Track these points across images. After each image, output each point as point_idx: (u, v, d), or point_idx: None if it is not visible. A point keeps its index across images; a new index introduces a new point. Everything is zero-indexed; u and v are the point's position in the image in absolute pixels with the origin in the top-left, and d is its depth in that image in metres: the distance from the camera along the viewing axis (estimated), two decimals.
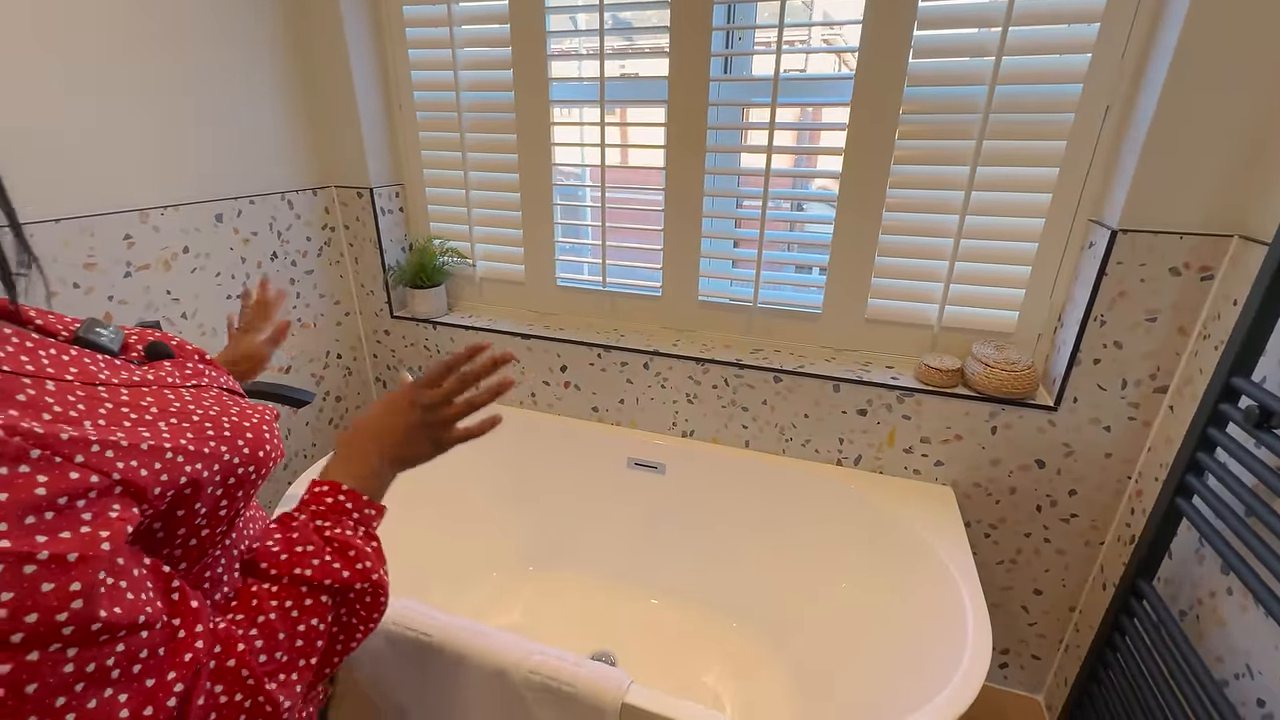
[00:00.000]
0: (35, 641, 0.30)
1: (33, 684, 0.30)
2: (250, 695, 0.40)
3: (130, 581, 0.35)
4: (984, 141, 1.09)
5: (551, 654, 0.84)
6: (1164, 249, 0.98)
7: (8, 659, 0.29)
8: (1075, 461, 1.16)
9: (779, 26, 1.13)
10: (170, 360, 0.50)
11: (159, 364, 0.49)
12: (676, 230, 1.37)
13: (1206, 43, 0.88)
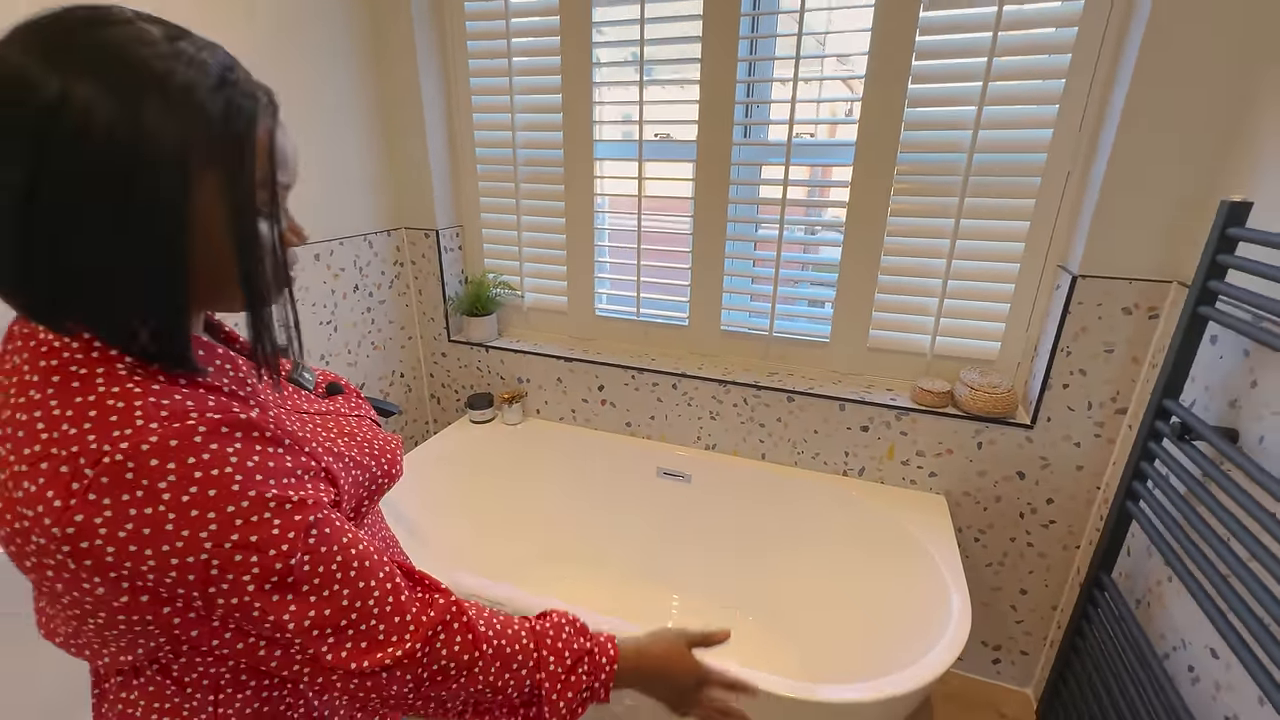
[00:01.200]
0: (298, 542, 0.46)
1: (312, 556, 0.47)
2: None
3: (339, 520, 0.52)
4: (965, 199, 1.30)
5: (598, 620, 1.03)
6: (1117, 292, 1.17)
7: (290, 551, 0.46)
8: (1051, 473, 1.33)
9: (791, 103, 1.35)
10: (340, 395, 0.71)
11: (334, 398, 0.69)
12: (701, 268, 1.58)
13: (1144, 124, 1.08)
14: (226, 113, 0.42)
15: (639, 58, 1.46)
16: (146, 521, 0.39)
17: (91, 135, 0.37)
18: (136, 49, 0.39)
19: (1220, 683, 0.88)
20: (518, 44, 1.57)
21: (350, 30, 1.50)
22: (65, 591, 0.42)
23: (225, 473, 0.42)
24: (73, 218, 0.39)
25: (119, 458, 0.39)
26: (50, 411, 0.39)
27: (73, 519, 0.38)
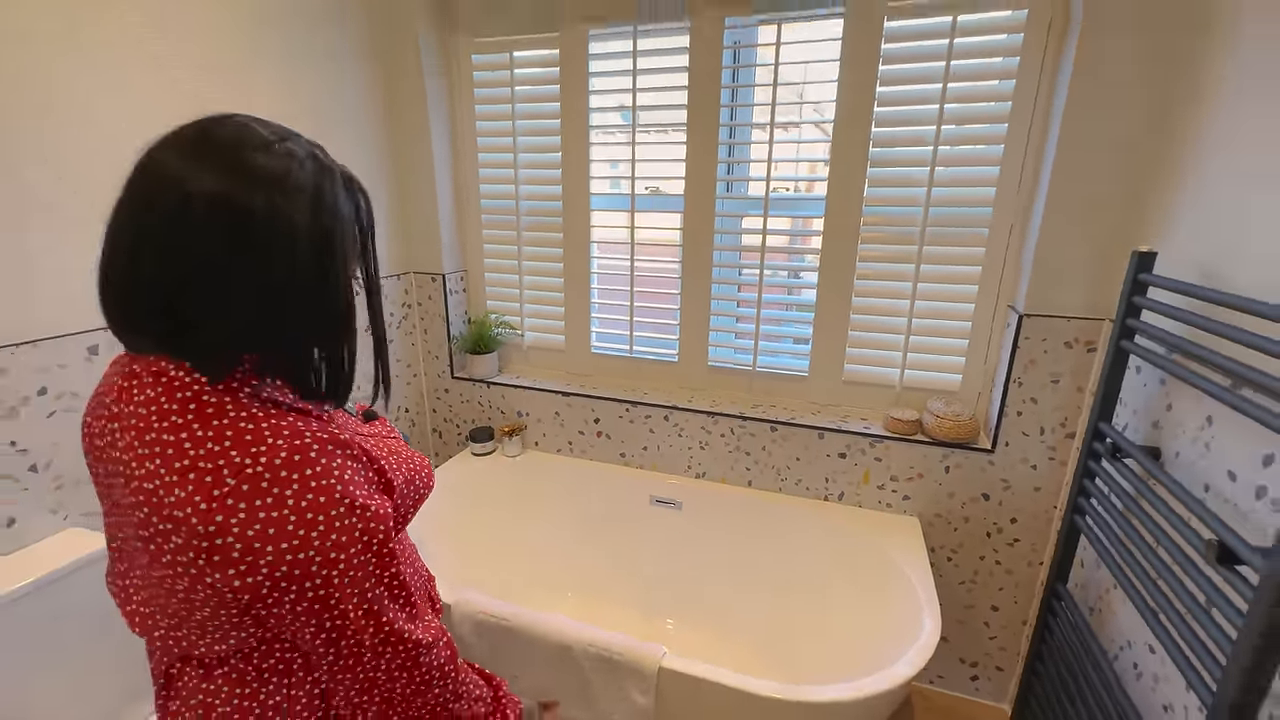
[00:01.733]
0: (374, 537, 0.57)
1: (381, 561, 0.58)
2: None
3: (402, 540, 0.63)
4: (924, 247, 1.45)
5: (603, 632, 1.12)
6: (1058, 328, 1.32)
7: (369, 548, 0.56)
8: (1012, 494, 1.45)
9: (768, 162, 1.52)
10: (378, 420, 0.81)
11: (373, 423, 0.80)
12: (689, 308, 1.72)
13: (1069, 185, 1.24)
14: (358, 208, 0.56)
15: (631, 121, 1.63)
16: (272, 522, 0.50)
17: (280, 230, 0.51)
18: (299, 158, 0.53)
19: (1158, 675, 0.98)
20: (521, 108, 1.74)
21: (365, 88, 1.66)
22: (190, 585, 0.52)
23: (329, 483, 0.53)
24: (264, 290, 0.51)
25: (259, 469, 0.50)
26: (194, 433, 0.50)
27: (214, 519, 0.49)
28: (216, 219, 0.49)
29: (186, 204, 0.49)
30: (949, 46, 1.33)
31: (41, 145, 1.00)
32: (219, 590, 0.52)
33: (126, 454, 0.53)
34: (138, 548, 0.55)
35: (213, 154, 0.50)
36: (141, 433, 0.52)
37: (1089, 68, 1.18)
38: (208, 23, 1.23)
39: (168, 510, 0.50)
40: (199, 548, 0.50)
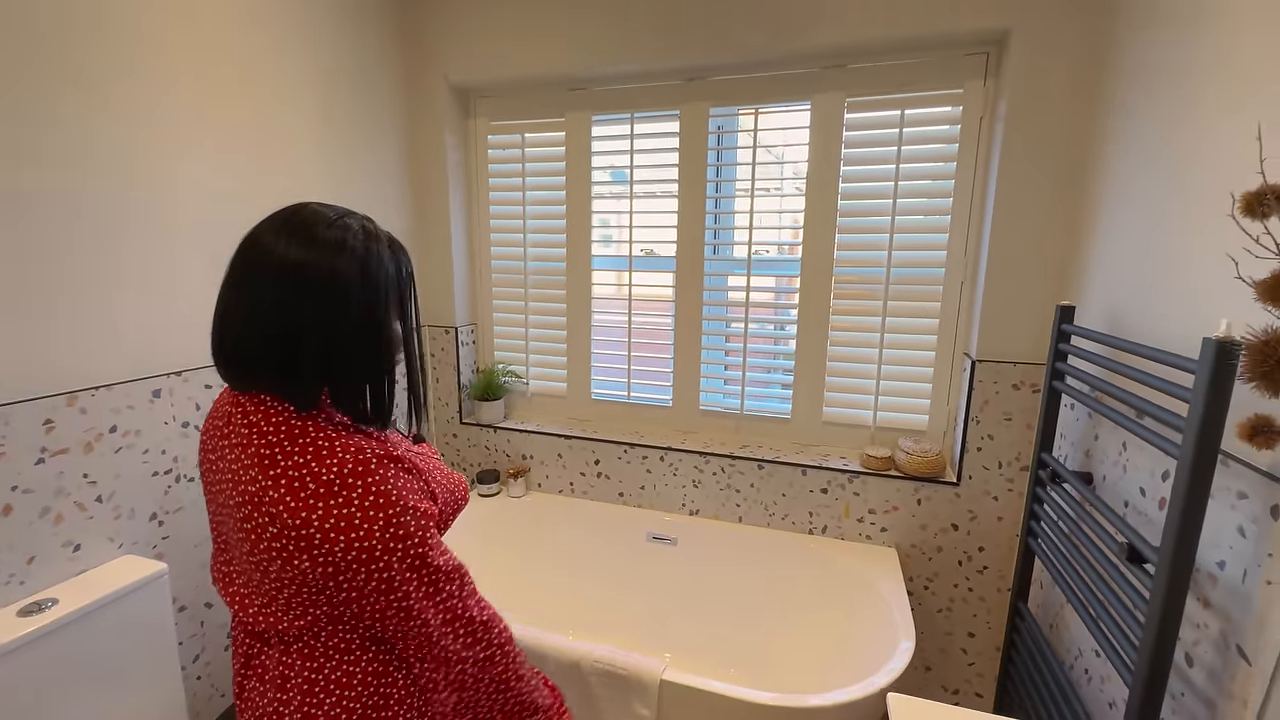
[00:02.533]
0: (425, 532, 0.71)
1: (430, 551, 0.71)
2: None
3: None
4: (889, 302, 1.65)
5: (607, 648, 1.22)
6: (1006, 372, 1.50)
7: (423, 540, 0.70)
8: (978, 524, 1.59)
9: (750, 229, 1.73)
10: (425, 443, 0.96)
11: (420, 445, 0.95)
12: (681, 358, 1.89)
13: (1005, 249, 1.45)
14: (396, 268, 0.72)
15: (629, 191, 1.85)
16: (344, 517, 0.64)
17: (339, 287, 0.67)
18: (354, 231, 0.70)
19: (1103, 676, 1.11)
20: (531, 180, 1.96)
21: (396, 162, 1.87)
22: (281, 568, 0.66)
23: (386, 489, 0.67)
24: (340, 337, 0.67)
25: (331, 475, 0.64)
26: (285, 448, 0.65)
27: (300, 514, 0.63)
28: (295, 280, 0.66)
29: (274, 270, 0.66)
30: (899, 134, 1.57)
31: (130, 222, 1.17)
32: (303, 571, 0.65)
33: (235, 465, 0.67)
34: (239, 539, 0.69)
35: (292, 232, 0.68)
36: (245, 448, 0.67)
37: (1013, 152, 1.42)
38: (284, 116, 1.44)
39: (266, 507, 0.64)
40: (290, 537, 0.63)
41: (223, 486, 0.70)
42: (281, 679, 0.71)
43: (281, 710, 0.71)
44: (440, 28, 1.86)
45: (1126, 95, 1.19)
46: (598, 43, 1.71)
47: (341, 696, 0.71)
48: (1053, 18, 1.35)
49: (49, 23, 1.03)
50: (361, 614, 0.69)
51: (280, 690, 0.71)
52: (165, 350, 1.25)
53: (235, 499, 0.67)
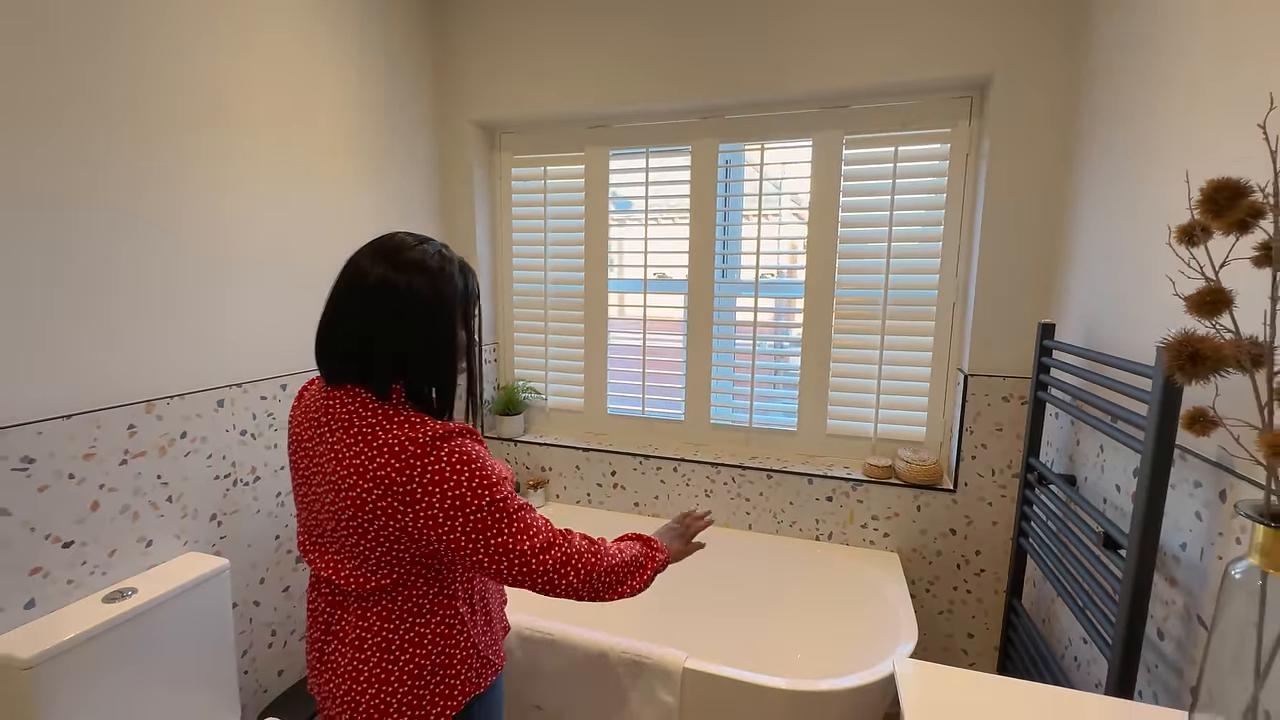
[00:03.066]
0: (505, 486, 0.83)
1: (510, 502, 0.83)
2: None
3: None
4: (886, 321, 1.78)
5: (632, 640, 1.31)
6: (996, 385, 1.62)
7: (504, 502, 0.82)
8: (974, 528, 1.70)
9: (756, 254, 1.87)
10: None
11: None
12: (693, 374, 2.01)
13: (992, 272, 1.59)
14: (464, 285, 0.85)
15: (644, 219, 2.00)
16: (437, 473, 0.76)
17: (417, 301, 0.80)
18: (431, 254, 0.83)
19: (1090, 659, 1.20)
20: (552, 209, 2.11)
21: (428, 190, 2.02)
22: (384, 525, 0.77)
23: (468, 453, 0.79)
24: (415, 340, 0.80)
25: (424, 441, 0.76)
26: (384, 425, 0.78)
27: (400, 475, 0.75)
28: (379, 293, 0.80)
29: (363, 286, 0.80)
30: (894, 169, 1.72)
31: (202, 251, 1.30)
32: (404, 526, 0.76)
33: (338, 445, 0.79)
34: (340, 508, 0.79)
35: (382, 256, 0.82)
36: (349, 429, 0.79)
37: (997, 185, 1.56)
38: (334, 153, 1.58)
39: (372, 473, 0.76)
40: (395, 495, 0.75)
41: (322, 464, 0.82)
42: (359, 640, 0.82)
43: (360, 668, 0.82)
44: (469, 70, 2.02)
45: (1089, 135, 1.33)
46: (615, 86, 1.87)
47: (414, 654, 0.82)
48: (1028, 66, 1.51)
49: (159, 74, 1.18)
50: (457, 558, 0.80)
51: (358, 650, 0.82)
52: (228, 364, 1.37)
53: (340, 472, 0.79)
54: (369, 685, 0.81)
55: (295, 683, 1.56)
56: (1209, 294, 0.65)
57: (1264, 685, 0.64)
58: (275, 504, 1.51)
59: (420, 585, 0.83)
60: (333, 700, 0.84)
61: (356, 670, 0.82)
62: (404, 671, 0.82)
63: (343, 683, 0.82)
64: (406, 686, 0.82)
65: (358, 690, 0.81)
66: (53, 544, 1.07)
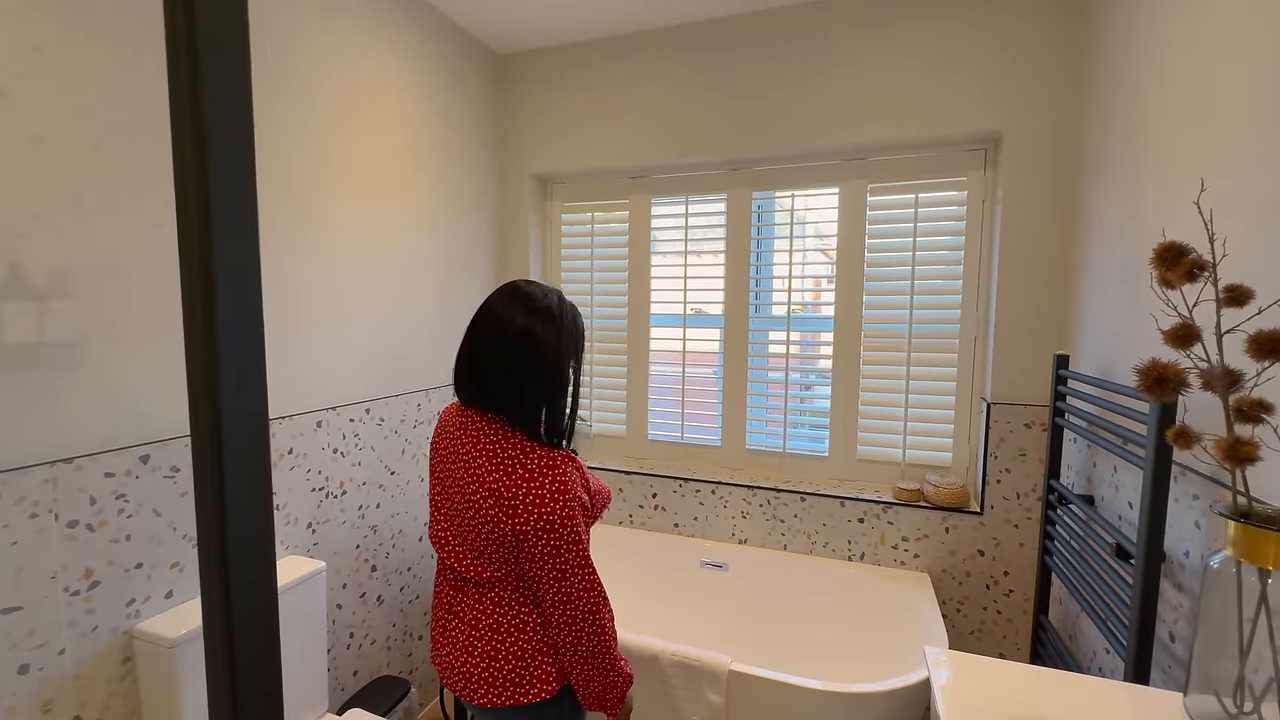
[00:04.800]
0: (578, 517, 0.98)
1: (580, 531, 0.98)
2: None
3: None
4: (912, 354, 1.91)
5: (682, 645, 1.43)
6: (1017, 413, 1.73)
7: (576, 524, 0.97)
8: (1002, 550, 1.78)
9: (788, 291, 2.03)
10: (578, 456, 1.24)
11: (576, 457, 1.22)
12: (729, 403, 2.15)
13: (1008, 309, 1.72)
14: (576, 329, 1.03)
15: (683, 260, 2.18)
16: (538, 496, 0.92)
17: (546, 344, 0.97)
18: (555, 303, 1.01)
19: (1113, 669, 1.28)
20: (599, 251, 2.31)
21: (487, 234, 2.24)
22: (492, 530, 0.93)
23: (564, 481, 0.95)
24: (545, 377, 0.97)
25: (533, 468, 0.93)
26: (504, 447, 0.96)
27: (509, 490, 0.92)
28: (521, 338, 0.97)
29: (508, 330, 0.97)
30: (915, 214, 1.88)
31: (308, 292, 1.51)
32: (505, 533, 0.92)
33: (468, 457, 0.97)
34: (464, 509, 0.96)
35: (519, 303, 0.99)
36: (477, 445, 0.97)
37: (1012, 228, 1.71)
38: (414, 207, 1.81)
39: (489, 485, 0.92)
40: (503, 507, 0.91)
41: (454, 469, 0.99)
42: (476, 620, 0.98)
43: (475, 644, 0.97)
44: (525, 131, 2.26)
45: (1094, 184, 1.48)
46: (650, 145, 2.08)
47: (518, 637, 0.97)
48: (1033, 121, 1.67)
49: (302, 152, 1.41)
50: (530, 571, 0.95)
51: (474, 628, 0.97)
52: (326, 389, 1.56)
53: (467, 479, 0.96)
54: (480, 659, 0.97)
55: (369, 682, 1.71)
56: (1181, 329, 0.78)
57: (1246, 661, 0.75)
58: (357, 516, 1.68)
59: (524, 581, 0.98)
60: (451, 671, 0.99)
61: (471, 645, 0.98)
62: (509, 652, 0.97)
63: (459, 655, 0.98)
64: (511, 665, 0.97)
65: (471, 663, 0.97)
66: (188, 543, 1.25)
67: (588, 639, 0.98)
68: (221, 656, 0.37)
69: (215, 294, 0.35)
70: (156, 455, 1.18)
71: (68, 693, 1.06)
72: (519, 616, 0.98)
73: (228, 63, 0.36)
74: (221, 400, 0.35)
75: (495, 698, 0.97)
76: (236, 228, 0.36)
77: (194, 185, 0.34)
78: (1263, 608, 0.73)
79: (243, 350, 0.37)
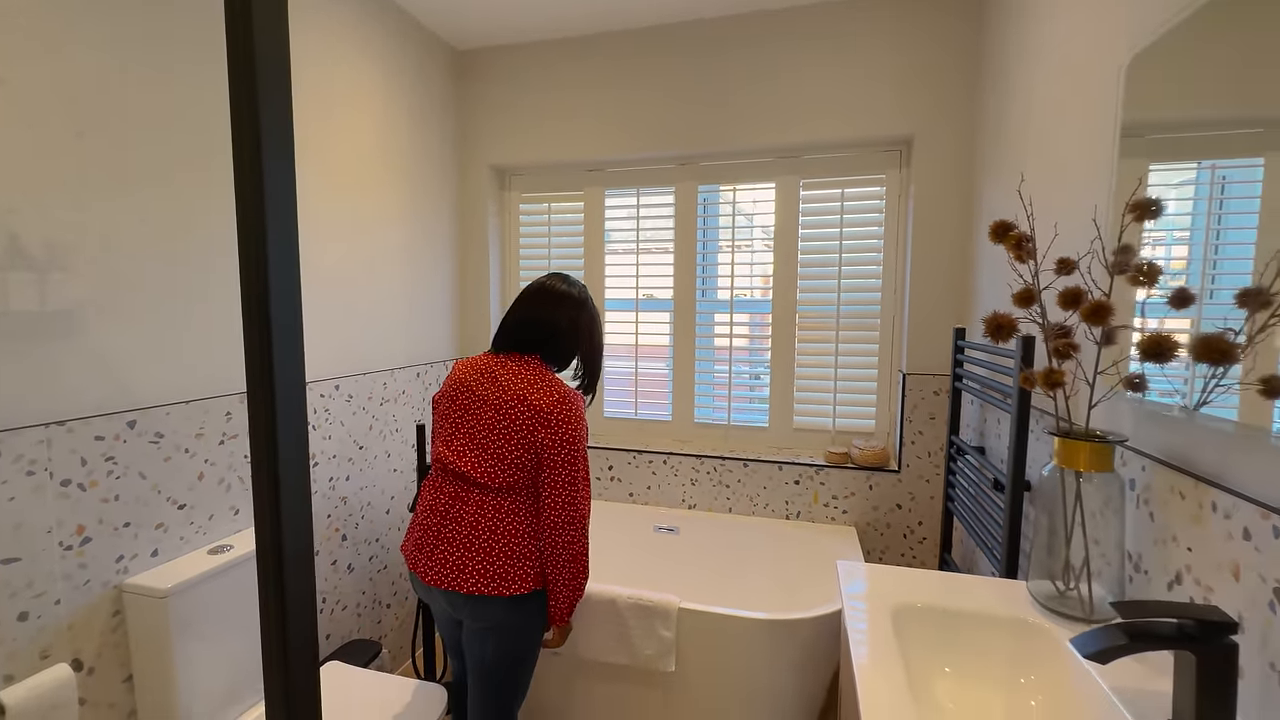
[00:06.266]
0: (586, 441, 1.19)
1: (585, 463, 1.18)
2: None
3: None
4: (840, 331, 2.14)
5: (637, 590, 1.60)
6: (928, 382, 1.98)
7: (585, 444, 1.19)
8: (916, 502, 2.03)
9: (731, 277, 2.22)
10: None
11: None
12: (678, 380, 2.34)
13: (920, 290, 1.96)
14: (591, 305, 1.25)
15: (636, 248, 2.34)
16: (568, 410, 1.15)
17: (585, 311, 1.23)
18: (579, 289, 1.28)
19: None
20: (555, 239, 2.45)
21: (449, 223, 2.34)
22: (524, 436, 1.15)
23: (581, 409, 1.18)
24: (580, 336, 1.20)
25: (565, 392, 1.17)
26: (544, 374, 1.19)
27: (548, 403, 1.14)
28: (572, 315, 1.24)
29: (556, 300, 1.23)
30: (841, 207, 2.10)
31: None
32: (536, 439, 1.14)
33: (505, 382, 1.20)
34: (495, 422, 1.18)
35: (569, 285, 1.27)
36: (519, 374, 1.19)
37: (923, 220, 1.95)
38: (380, 198, 1.90)
39: (529, 399, 1.15)
40: (539, 418, 1.14)
41: (487, 395, 1.21)
42: (476, 521, 1.21)
43: (473, 540, 1.20)
44: (484, 124, 2.37)
45: (982, 180, 1.73)
46: (605, 141, 2.24)
47: (515, 534, 1.19)
48: (938, 127, 1.91)
49: None
50: (544, 475, 1.17)
51: (474, 528, 1.22)
52: None
53: (505, 399, 1.18)
54: (477, 554, 1.17)
55: (341, 645, 1.80)
56: (1023, 292, 1.00)
57: (1070, 549, 0.97)
58: (328, 487, 1.77)
59: (528, 493, 1.20)
60: (443, 566, 1.19)
61: (470, 541, 1.19)
62: (501, 550, 1.19)
63: (454, 551, 1.19)
64: (501, 561, 1.17)
65: (467, 558, 1.18)
66: (171, 505, 1.33)
67: (574, 543, 1.20)
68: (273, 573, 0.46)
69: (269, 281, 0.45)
70: (142, 421, 1.26)
71: (63, 640, 1.13)
72: (517, 520, 1.19)
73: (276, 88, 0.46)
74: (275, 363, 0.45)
75: (484, 587, 1.17)
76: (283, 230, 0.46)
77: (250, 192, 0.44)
78: (1077, 504, 0.95)
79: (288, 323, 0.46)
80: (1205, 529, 0.79)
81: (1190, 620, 0.67)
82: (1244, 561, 0.73)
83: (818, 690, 1.64)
